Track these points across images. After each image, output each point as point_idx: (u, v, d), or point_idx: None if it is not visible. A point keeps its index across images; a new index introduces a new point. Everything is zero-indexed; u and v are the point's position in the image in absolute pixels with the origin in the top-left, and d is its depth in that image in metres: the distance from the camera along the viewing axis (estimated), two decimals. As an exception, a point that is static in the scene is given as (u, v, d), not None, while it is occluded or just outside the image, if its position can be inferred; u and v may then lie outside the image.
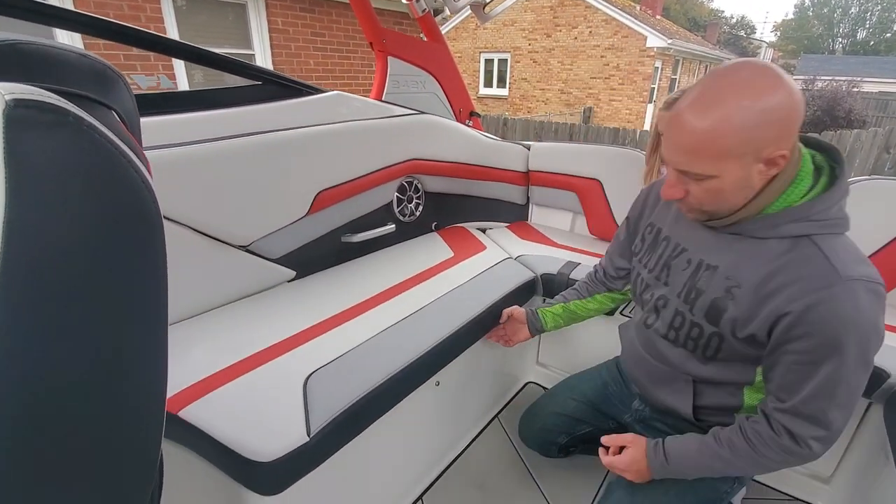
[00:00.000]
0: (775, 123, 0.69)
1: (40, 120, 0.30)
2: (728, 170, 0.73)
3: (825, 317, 0.71)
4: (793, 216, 0.77)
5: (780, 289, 0.76)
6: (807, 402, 0.76)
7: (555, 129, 7.37)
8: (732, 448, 0.86)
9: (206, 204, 1.12)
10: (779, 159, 0.72)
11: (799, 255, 0.76)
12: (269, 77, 1.35)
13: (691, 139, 0.73)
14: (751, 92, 0.69)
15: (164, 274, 0.41)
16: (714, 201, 0.79)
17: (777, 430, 0.81)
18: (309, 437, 0.84)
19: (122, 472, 0.40)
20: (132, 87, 0.50)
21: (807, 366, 0.75)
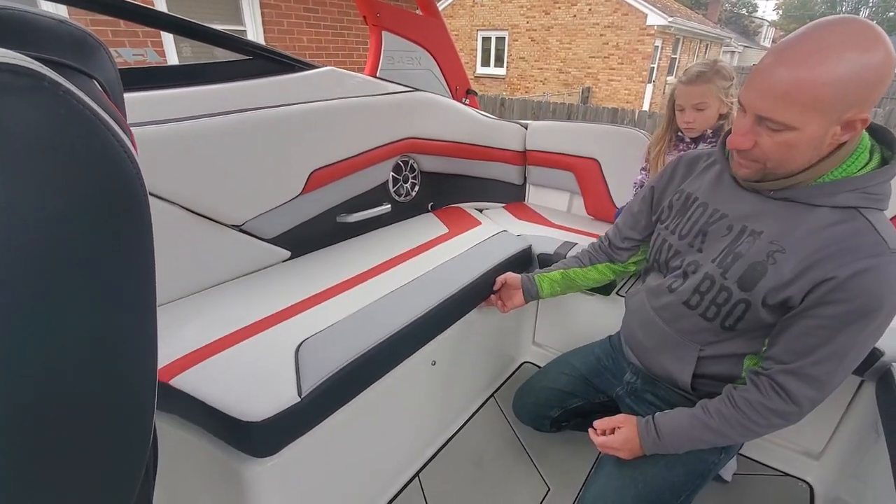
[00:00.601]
0: (871, 84, 0.68)
1: (13, 84, 0.29)
2: (811, 123, 0.71)
3: (868, 284, 0.72)
4: (851, 185, 0.77)
5: (830, 256, 0.76)
6: (816, 363, 0.78)
7: (553, 109, 7.29)
8: (722, 418, 0.87)
9: (197, 182, 1.10)
10: (858, 123, 0.71)
11: (851, 226, 0.76)
12: (260, 52, 1.31)
13: (784, 85, 0.70)
14: (857, 45, 0.67)
15: (151, 251, 0.40)
16: (781, 157, 0.77)
17: (766, 393, 0.83)
18: (300, 397, 0.84)
19: (114, 450, 0.39)
20: (117, 61, 0.48)
21: (829, 330, 0.76)
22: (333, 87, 1.46)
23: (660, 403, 1.06)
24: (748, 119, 0.77)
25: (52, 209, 0.30)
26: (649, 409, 1.07)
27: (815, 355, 0.78)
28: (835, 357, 0.77)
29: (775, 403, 0.82)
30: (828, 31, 0.69)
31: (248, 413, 0.80)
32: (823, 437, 1.29)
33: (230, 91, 1.21)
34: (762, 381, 0.84)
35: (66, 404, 0.33)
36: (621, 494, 0.98)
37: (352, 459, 1.12)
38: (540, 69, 13.40)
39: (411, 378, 1.24)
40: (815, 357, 0.78)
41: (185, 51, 4.46)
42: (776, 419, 0.84)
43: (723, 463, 1.01)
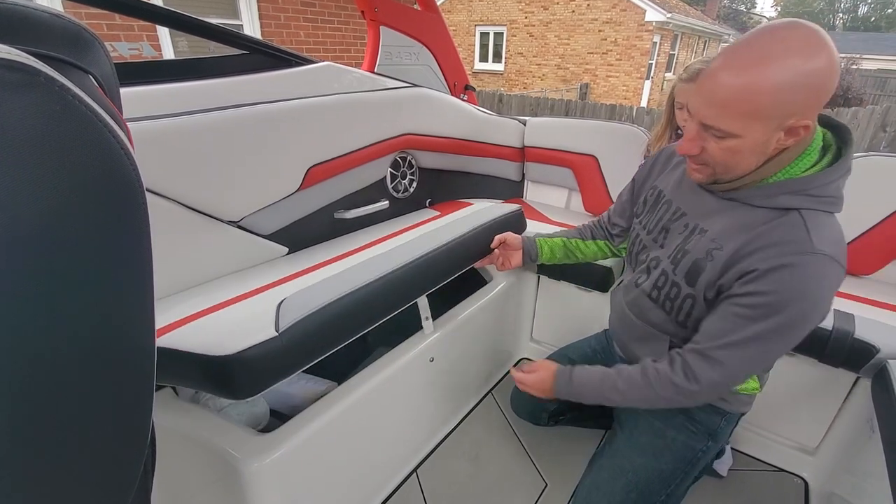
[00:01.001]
0: (811, 90, 0.68)
1: (7, 79, 0.28)
2: (752, 130, 0.73)
3: (785, 280, 0.74)
4: (790, 188, 0.78)
5: (756, 251, 0.78)
6: (722, 348, 0.81)
7: (551, 105, 7.28)
8: (631, 382, 0.92)
9: (194, 178, 1.09)
10: (801, 129, 0.72)
11: (781, 223, 0.78)
12: (258, 46, 1.30)
13: (725, 93, 0.71)
14: (796, 53, 0.67)
15: (149, 247, 0.40)
16: (727, 162, 0.78)
17: (675, 368, 0.87)
18: (277, 332, 0.82)
19: (112, 445, 0.39)
20: (112, 55, 0.48)
21: (742, 318, 0.79)
22: (331, 82, 1.45)
23: None
24: (694, 125, 0.79)
25: (47, 205, 0.30)
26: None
27: (724, 340, 0.81)
28: (741, 345, 0.79)
29: (679, 379, 0.86)
30: (770, 39, 0.69)
31: (225, 347, 0.78)
32: (819, 433, 1.30)
33: (227, 86, 1.20)
34: (676, 357, 0.88)
35: (64, 398, 0.33)
36: (611, 485, 1.01)
37: (350, 455, 1.12)
38: (538, 65, 13.35)
39: (409, 374, 1.24)
40: (723, 341, 0.81)
41: (181, 45, 4.43)
42: (677, 395, 0.87)
43: (711, 451, 1.02)
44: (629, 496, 0.99)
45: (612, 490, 1.00)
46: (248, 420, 1.09)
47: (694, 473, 1.03)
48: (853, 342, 1.11)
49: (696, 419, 1.00)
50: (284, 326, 0.83)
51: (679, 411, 1.01)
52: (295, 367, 0.86)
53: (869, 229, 1.39)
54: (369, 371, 1.16)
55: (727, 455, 1.34)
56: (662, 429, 1.02)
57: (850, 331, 1.11)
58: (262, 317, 0.89)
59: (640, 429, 1.05)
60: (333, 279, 1.03)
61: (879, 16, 40.20)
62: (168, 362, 0.83)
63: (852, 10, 42.28)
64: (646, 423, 1.04)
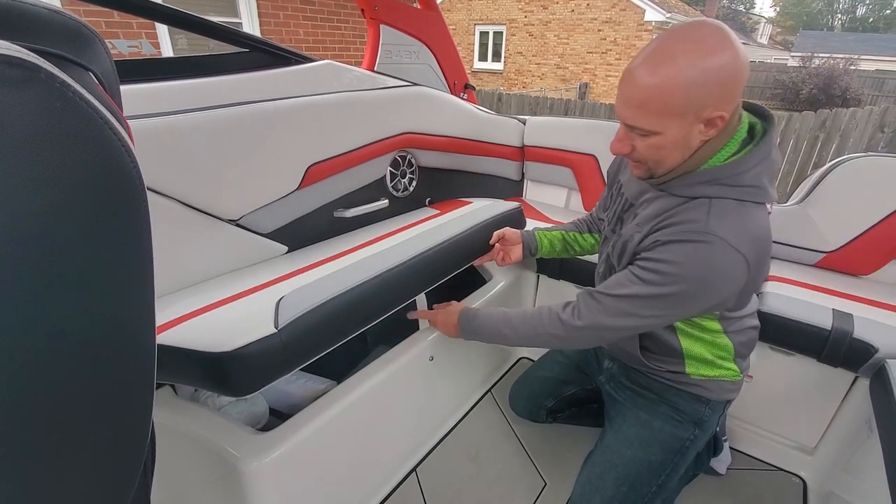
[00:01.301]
0: (719, 84, 0.72)
1: (9, 75, 0.28)
2: (670, 127, 0.77)
3: (674, 252, 0.80)
4: (706, 178, 0.82)
5: (661, 228, 0.85)
6: (609, 296, 0.88)
7: (550, 105, 7.27)
8: (523, 318, 1.01)
9: (193, 176, 1.09)
10: (717, 120, 0.76)
11: (688, 207, 0.83)
12: (257, 44, 1.29)
13: (640, 94, 0.76)
14: (699, 51, 0.72)
15: (149, 244, 0.39)
16: (655, 157, 0.83)
17: (567, 307, 0.95)
18: (276, 328, 0.82)
19: (112, 443, 0.39)
20: (111, 51, 0.48)
21: (634, 277, 0.85)
22: (331, 80, 1.45)
23: (635, 387, 1.10)
24: (621, 127, 0.84)
25: (47, 202, 0.30)
26: (627, 393, 1.11)
27: (613, 291, 0.88)
28: (624, 298, 0.86)
29: (566, 315, 0.94)
30: (677, 40, 0.74)
31: (223, 344, 0.77)
32: (817, 433, 1.31)
33: (226, 84, 1.20)
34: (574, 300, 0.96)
35: (64, 396, 0.33)
36: (603, 480, 1.02)
37: (349, 454, 1.12)
38: (537, 64, 13.35)
39: (409, 373, 1.24)
40: (612, 291, 0.88)
41: (180, 43, 4.42)
42: (559, 329, 0.95)
43: (699, 440, 1.04)
44: (620, 489, 1.00)
45: (603, 484, 1.02)
46: (248, 419, 1.08)
47: (684, 464, 1.04)
48: (852, 342, 1.11)
49: (680, 409, 1.02)
50: (283, 323, 0.83)
51: (664, 401, 1.04)
52: (294, 364, 0.86)
53: (867, 229, 1.39)
54: (369, 370, 1.16)
55: (725, 453, 1.35)
56: (649, 420, 1.04)
57: (848, 330, 1.12)
58: (261, 314, 0.89)
59: (627, 422, 1.07)
60: (332, 277, 1.03)
61: (878, 17, 40.29)
62: (166, 359, 0.82)
63: (850, 11, 42.35)
64: (633, 416, 1.07)
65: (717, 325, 0.94)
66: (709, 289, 0.80)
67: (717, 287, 0.80)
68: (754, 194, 0.81)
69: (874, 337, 1.10)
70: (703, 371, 0.98)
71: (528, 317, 1.00)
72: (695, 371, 0.98)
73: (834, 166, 1.46)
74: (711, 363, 0.98)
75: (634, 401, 1.08)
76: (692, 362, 0.98)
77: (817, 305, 1.22)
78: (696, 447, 1.04)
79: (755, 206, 0.82)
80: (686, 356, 0.98)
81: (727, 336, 0.96)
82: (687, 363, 0.98)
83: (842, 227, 1.43)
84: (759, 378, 1.33)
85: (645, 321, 0.87)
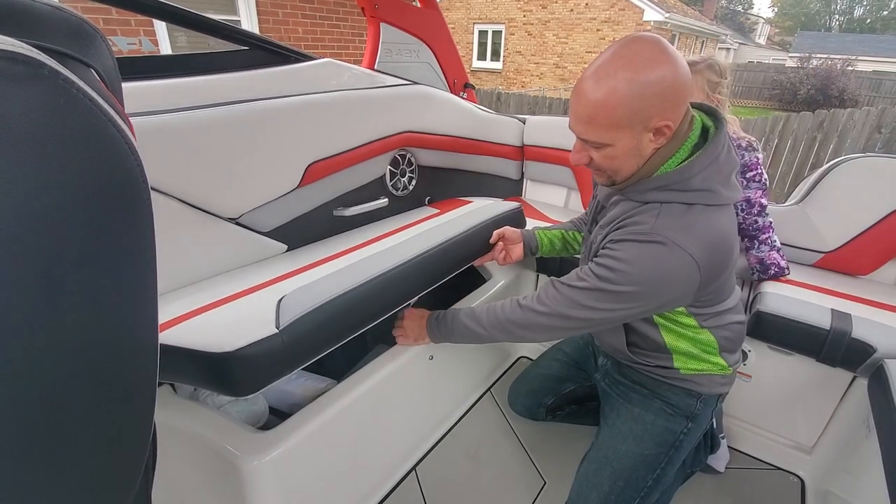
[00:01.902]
0: (659, 95, 0.76)
1: (12, 72, 0.28)
2: (620, 138, 0.81)
3: (622, 251, 0.85)
4: (657, 184, 0.86)
5: (616, 229, 0.90)
6: (567, 286, 0.93)
7: (549, 104, 7.26)
8: (490, 310, 1.04)
9: (192, 174, 1.09)
10: (664, 129, 0.80)
11: (640, 210, 0.88)
12: (258, 42, 1.29)
13: (586, 110, 0.81)
14: (635, 66, 0.76)
15: (152, 241, 0.39)
16: (611, 167, 0.87)
17: (530, 295, 0.99)
18: (278, 329, 0.82)
19: (115, 445, 0.39)
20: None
21: (591, 273, 0.89)
22: (331, 79, 1.44)
23: (627, 382, 1.11)
24: (577, 140, 0.88)
25: (51, 199, 0.30)
26: (620, 389, 1.12)
27: (573, 282, 0.92)
28: (579, 290, 0.90)
29: (526, 300, 0.98)
30: (611, 58, 0.78)
31: (224, 345, 0.77)
32: (815, 432, 1.31)
33: (226, 82, 1.19)
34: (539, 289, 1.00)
35: (65, 396, 0.33)
36: (599, 476, 1.04)
37: (349, 454, 1.12)
38: (536, 64, 13.34)
39: (409, 372, 1.24)
40: (572, 283, 0.92)
41: (179, 40, 4.40)
42: (518, 313, 0.99)
43: (693, 433, 1.05)
44: (616, 484, 1.01)
45: (600, 481, 1.03)
46: (248, 418, 1.08)
47: (680, 457, 1.05)
48: (850, 342, 1.11)
49: (672, 403, 1.03)
50: (285, 323, 0.83)
51: (656, 396, 1.05)
52: (295, 364, 0.86)
53: (866, 230, 1.40)
54: (368, 369, 1.16)
55: (724, 451, 1.35)
56: (641, 414, 1.05)
57: (847, 330, 1.12)
58: (262, 314, 0.89)
59: (620, 418, 1.08)
60: (333, 276, 1.03)
61: (875, 18, 40.45)
62: (167, 359, 0.81)
63: (848, 12, 42.48)
64: (626, 412, 1.08)
65: (692, 321, 0.95)
66: (656, 286, 0.83)
67: (666, 285, 0.83)
68: (703, 198, 0.84)
69: (872, 337, 1.10)
70: (692, 365, 0.99)
71: (491, 307, 1.04)
72: (683, 366, 0.99)
73: (832, 167, 1.46)
74: (697, 357, 0.99)
75: (627, 396, 1.09)
76: (679, 357, 0.99)
77: (816, 305, 1.22)
78: (690, 440, 1.05)
79: (707, 208, 0.84)
80: (672, 351, 0.99)
81: (708, 331, 0.97)
82: (675, 358, 0.99)
83: (840, 228, 1.44)
84: (757, 377, 1.34)
85: (599, 314, 0.89)
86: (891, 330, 1.13)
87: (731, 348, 1.01)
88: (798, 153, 4.85)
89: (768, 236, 1.36)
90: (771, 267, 1.37)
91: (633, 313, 0.89)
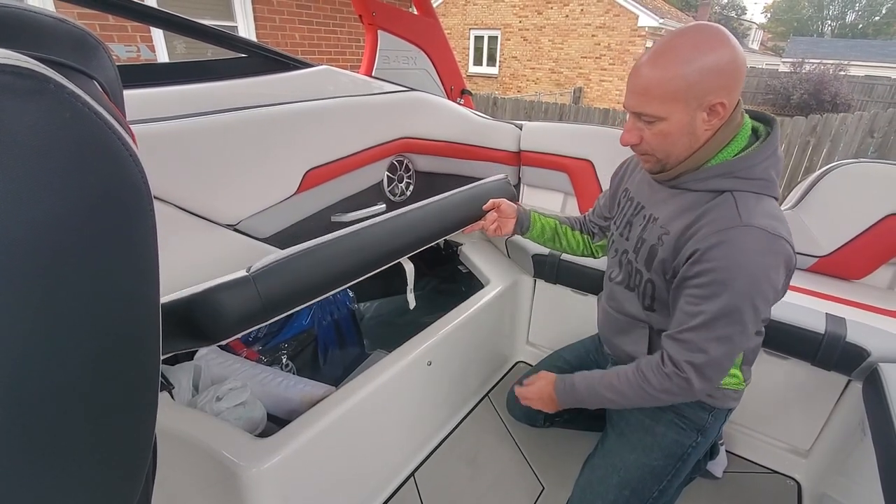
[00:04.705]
0: (715, 72, 0.77)
1: (18, 86, 0.28)
2: (674, 112, 0.80)
3: (720, 255, 0.79)
4: (719, 171, 0.84)
5: (696, 233, 0.83)
6: (690, 330, 0.84)
7: (545, 109, 7.31)
8: (626, 379, 0.93)
9: (190, 181, 1.09)
10: (718, 107, 0.79)
11: (715, 204, 0.84)
12: (256, 49, 1.30)
13: (644, 81, 0.81)
14: (697, 45, 0.77)
15: (156, 251, 0.40)
16: (663, 146, 0.85)
17: (664, 357, 0.88)
18: (248, 272, 0.80)
19: (116, 456, 0.39)
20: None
21: (697, 299, 0.82)
22: (328, 85, 1.45)
23: None
24: (630, 117, 0.87)
25: (57, 212, 0.30)
26: None
27: (690, 323, 0.84)
28: (706, 324, 0.82)
29: (667, 367, 0.87)
30: (673, 38, 0.80)
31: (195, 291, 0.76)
32: (811, 436, 1.32)
33: (224, 89, 1.20)
34: (660, 349, 0.91)
35: (68, 404, 0.33)
36: (605, 483, 1.02)
37: (347, 460, 1.12)
38: (532, 69, 13.42)
39: (406, 378, 1.24)
40: (690, 324, 0.83)
41: (177, 48, 4.40)
42: (666, 382, 0.88)
43: (701, 446, 1.04)
44: (622, 493, 1.00)
45: (605, 489, 1.01)
46: (246, 424, 1.08)
47: (686, 470, 1.04)
48: (845, 345, 1.12)
49: (684, 415, 1.02)
50: (256, 268, 0.81)
51: (668, 408, 1.03)
52: (271, 313, 0.84)
53: (859, 234, 1.41)
54: (367, 375, 1.16)
55: (722, 456, 1.36)
56: (652, 425, 1.04)
57: (841, 334, 1.13)
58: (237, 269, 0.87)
59: (630, 427, 1.06)
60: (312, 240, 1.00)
61: (867, 23, 40.92)
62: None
63: (840, 18, 42.98)
64: (636, 421, 1.06)
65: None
66: (767, 274, 0.78)
67: (772, 270, 0.79)
68: (767, 187, 0.83)
69: (867, 341, 1.11)
70: None
71: (632, 378, 0.92)
72: None
73: (826, 172, 1.48)
74: None
75: None
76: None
77: (810, 309, 1.23)
78: (697, 454, 1.04)
79: (771, 199, 0.83)
80: None
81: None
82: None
83: (834, 232, 1.45)
84: (754, 381, 1.34)
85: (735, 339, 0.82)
86: (885, 334, 1.14)
87: (752, 360, 1.01)
88: (792, 157, 4.89)
89: None
90: None
91: (760, 317, 0.83)
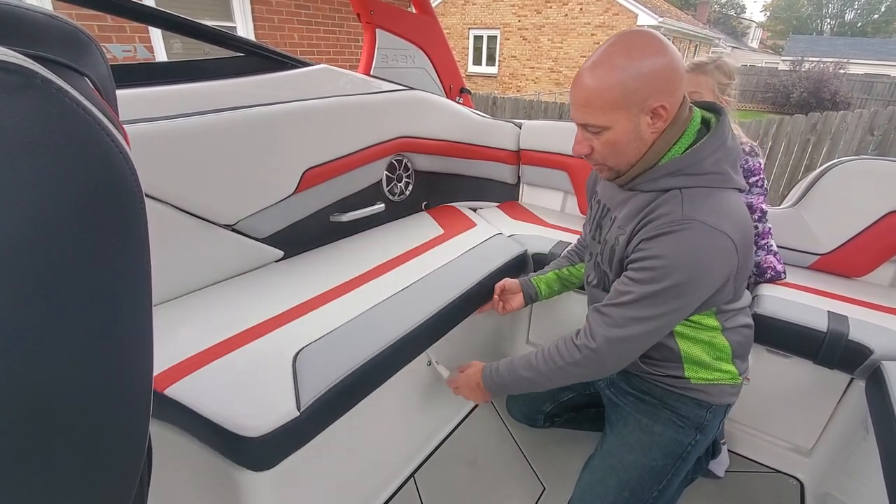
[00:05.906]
0: (653, 77, 0.79)
1: (4, 82, 0.28)
2: (618, 120, 0.83)
3: (658, 245, 0.82)
4: (668, 170, 0.86)
5: (644, 226, 0.87)
6: (614, 306, 0.88)
7: (544, 108, 7.30)
8: (543, 355, 0.98)
9: (188, 181, 1.08)
10: (660, 110, 0.81)
11: (663, 200, 0.86)
12: (253, 49, 1.29)
13: (585, 94, 0.83)
14: (629, 52, 0.80)
15: (147, 252, 0.39)
16: (613, 154, 0.87)
17: (579, 332, 0.94)
18: (299, 411, 0.83)
19: (109, 458, 0.38)
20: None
21: (632, 282, 0.86)
22: (327, 85, 1.45)
23: (636, 393, 1.09)
24: (579, 129, 0.89)
25: (44, 210, 0.29)
26: (628, 399, 1.10)
27: (617, 300, 0.88)
28: (631, 303, 0.86)
29: (580, 339, 0.93)
30: (608, 48, 0.82)
31: (247, 428, 0.78)
32: (813, 435, 1.31)
33: (223, 88, 1.19)
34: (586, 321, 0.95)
35: (59, 408, 0.32)
36: (605, 485, 1.02)
37: (347, 462, 1.11)
38: (531, 68, 13.42)
39: (407, 380, 1.23)
40: (617, 300, 0.88)
41: (175, 47, 4.40)
42: (575, 353, 0.92)
43: (700, 444, 1.04)
44: (622, 494, 1.00)
45: (605, 490, 1.02)
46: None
47: (686, 468, 1.04)
48: (847, 344, 1.12)
49: (681, 413, 1.02)
50: (306, 403, 0.85)
51: (665, 406, 1.03)
52: (313, 435, 0.89)
53: (861, 232, 1.41)
54: (366, 375, 1.15)
55: (724, 456, 1.35)
56: (650, 425, 1.04)
57: (844, 332, 1.12)
58: (278, 375, 0.90)
59: (628, 427, 1.06)
60: (347, 329, 1.04)
61: (866, 21, 40.93)
62: (181, 415, 0.83)
63: (840, 16, 42.99)
64: (634, 421, 1.06)
65: (716, 322, 0.95)
66: (702, 273, 0.81)
67: (711, 270, 0.81)
68: (719, 180, 0.84)
69: (869, 339, 1.10)
70: (702, 375, 0.98)
71: (546, 353, 0.97)
72: (694, 375, 0.98)
73: (827, 170, 1.47)
74: (709, 366, 0.98)
75: (636, 406, 1.08)
76: (690, 366, 0.98)
77: (813, 308, 1.23)
78: (696, 452, 1.04)
79: (725, 190, 0.84)
80: (684, 360, 0.98)
81: (724, 335, 0.97)
82: (686, 367, 0.98)
83: (835, 230, 1.45)
84: (756, 381, 1.34)
85: (653, 323, 0.86)
86: (887, 332, 1.14)
87: (743, 354, 1.01)
88: (791, 156, 4.88)
89: (767, 241, 1.36)
90: (767, 271, 1.37)
91: (685, 311, 0.86)
